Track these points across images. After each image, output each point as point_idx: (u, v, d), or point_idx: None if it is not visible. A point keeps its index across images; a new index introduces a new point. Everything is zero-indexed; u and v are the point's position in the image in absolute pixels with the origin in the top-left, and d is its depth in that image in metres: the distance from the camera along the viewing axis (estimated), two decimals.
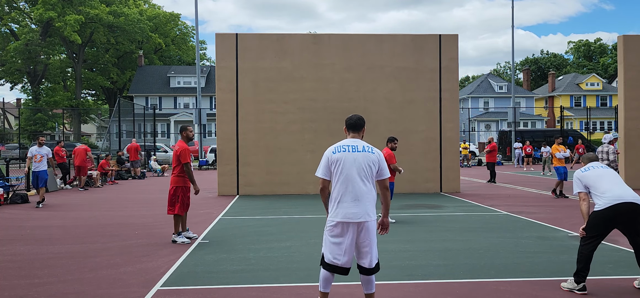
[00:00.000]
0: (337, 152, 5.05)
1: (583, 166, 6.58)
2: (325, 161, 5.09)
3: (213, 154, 35.12)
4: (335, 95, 17.91)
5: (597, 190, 6.15)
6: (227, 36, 18.01)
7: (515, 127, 40.04)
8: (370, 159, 5.05)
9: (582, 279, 6.08)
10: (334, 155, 5.05)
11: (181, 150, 9.06)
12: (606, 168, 6.39)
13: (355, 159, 5.00)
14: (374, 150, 5.12)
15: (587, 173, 6.33)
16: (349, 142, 5.13)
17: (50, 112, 56.27)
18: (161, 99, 58.88)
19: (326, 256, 5.03)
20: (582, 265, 6.08)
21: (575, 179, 6.40)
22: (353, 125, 5.22)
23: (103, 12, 53.38)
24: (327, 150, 5.15)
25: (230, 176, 17.67)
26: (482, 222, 11.34)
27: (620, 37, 18.84)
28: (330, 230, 5.02)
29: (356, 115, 5.28)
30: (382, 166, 5.10)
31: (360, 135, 5.25)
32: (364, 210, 4.93)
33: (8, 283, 6.69)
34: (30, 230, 10.75)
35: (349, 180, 4.95)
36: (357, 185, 4.94)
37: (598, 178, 6.22)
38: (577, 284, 6.09)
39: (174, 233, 9.30)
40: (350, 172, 4.97)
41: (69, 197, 17.37)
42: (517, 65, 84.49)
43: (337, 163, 5.02)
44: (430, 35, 18.38)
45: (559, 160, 15.82)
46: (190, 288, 6.39)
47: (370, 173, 5.03)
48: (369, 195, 4.99)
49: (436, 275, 6.89)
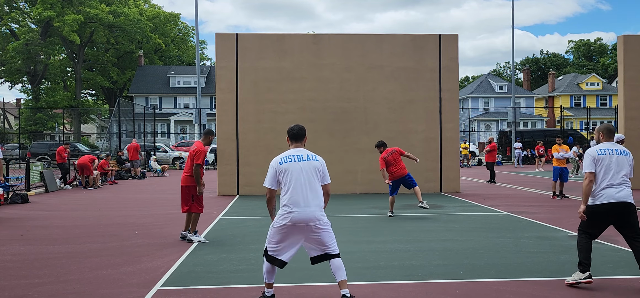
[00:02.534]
0: (284, 163, 5.47)
1: (602, 143, 6.41)
2: (272, 172, 5.49)
3: (213, 154, 35.13)
4: (335, 95, 17.91)
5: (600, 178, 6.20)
6: (227, 36, 18.01)
7: (515, 127, 40.04)
8: (315, 166, 5.51)
9: (586, 268, 6.15)
10: (281, 166, 5.47)
11: (197, 151, 9.16)
12: (619, 154, 6.29)
13: (301, 168, 5.44)
14: (317, 158, 5.58)
15: (602, 157, 6.25)
16: (294, 152, 5.55)
17: (50, 112, 56.25)
18: (161, 99, 58.86)
19: (270, 249, 5.50)
20: (583, 255, 6.21)
21: (587, 156, 6.30)
22: (295, 136, 5.64)
23: (103, 11, 53.34)
24: (273, 161, 5.53)
25: (230, 176, 17.66)
26: (482, 222, 11.34)
27: (620, 37, 18.84)
28: (278, 229, 5.44)
29: (298, 126, 5.70)
30: (324, 172, 5.56)
31: (303, 144, 5.67)
32: (313, 215, 5.38)
33: (8, 283, 6.69)
34: (30, 230, 10.75)
35: (297, 187, 5.37)
36: (305, 191, 5.38)
37: (606, 167, 6.20)
38: (582, 274, 6.16)
39: (189, 231, 9.32)
40: (298, 180, 5.39)
41: (69, 197, 17.37)
42: (516, 65, 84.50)
43: (285, 173, 5.43)
44: (430, 35, 18.37)
45: (558, 160, 15.78)
46: (190, 288, 6.39)
47: (317, 179, 5.49)
48: (316, 199, 5.43)
49: (436, 275, 6.89)
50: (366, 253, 8.22)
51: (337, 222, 11.34)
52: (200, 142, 9.40)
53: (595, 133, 6.61)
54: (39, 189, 19.01)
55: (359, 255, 8.09)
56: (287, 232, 5.43)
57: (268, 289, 5.69)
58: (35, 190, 18.68)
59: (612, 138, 6.48)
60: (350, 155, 17.87)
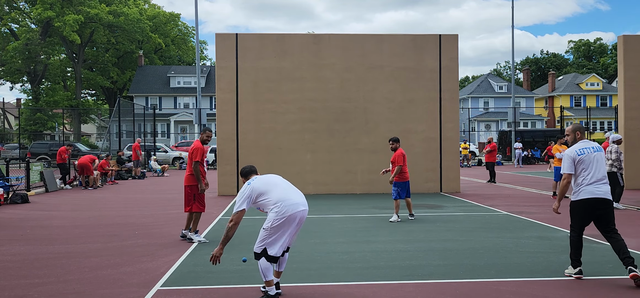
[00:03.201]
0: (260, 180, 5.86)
1: (579, 142, 6.75)
2: (250, 194, 5.73)
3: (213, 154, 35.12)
4: (335, 95, 17.91)
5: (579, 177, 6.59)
6: (227, 36, 18.01)
7: (515, 127, 40.05)
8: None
9: (576, 264, 6.63)
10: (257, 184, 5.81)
11: (194, 148, 9.18)
12: (596, 151, 6.63)
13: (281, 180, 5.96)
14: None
15: (583, 157, 6.59)
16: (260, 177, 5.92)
17: (50, 112, 56.25)
18: (161, 99, 58.85)
19: (270, 250, 5.66)
20: (572, 251, 6.66)
21: (567, 157, 6.64)
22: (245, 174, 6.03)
23: (103, 11, 53.33)
24: (247, 188, 5.75)
25: (230, 176, 17.66)
26: (482, 222, 11.34)
27: (621, 37, 18.84)
28: (278, 225, 5.63)
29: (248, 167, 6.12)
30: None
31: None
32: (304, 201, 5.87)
33: (8, 283, 6.69)
34: (30, 230, 10.75)
35: (284, 189, 5.79)
36: (292, 190, 5.81)
37: (587, 165, 6.55)
38: (573, 269, 6.66)
39: (191, 231, 9.32)
40: (281, 185, 5.83)
41: (69, 197, 17.37)
42: (516, 65, 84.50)
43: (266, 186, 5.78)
44: (431, 35, 18.38)
45: (559, 160, 15.77)
46: (190, 288, 6.39)
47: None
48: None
49: (436, 275, 6.89)
50: (366, 253, 8.22)
51: (337, 222, 11.34)
52: (198, 140, 9.41)
53: (569, 133, 6.86)
54: (39, 189, 19.01)
55: (359, 255, 8.09)
56: (285, 225, 5.64)
57: (269, 287, 5.73)
58: (35, 190, 18.67)
59: (585, 136, 6.86)
60: (350, 155, 17.87)
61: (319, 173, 17.65)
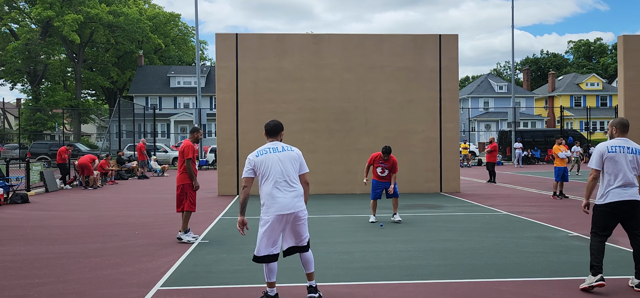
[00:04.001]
0: (261, 155, 5.58)
1: (615, 139, 6.17)
2: (249, 165, 5.58)
3: (213, 154, 35.12)
4: (335, 95, 17.91)
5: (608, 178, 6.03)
6: (227, 36, 18.01)
7: (515, 127, 40.04)
8: (291, 156, 5.61)
9: (597, 271, 6.00)
10: (258, 158, 5.56)
11: (185, 146, 9.18)
12: (632, 152, 6.06)
13: (278, 158, 5.55)
14: (293, 149, 5.68)
15: (613, 155, 6.03)
16: (270, 145, 5.68)
17: (50, 112, 56.24)
18: (161, 99, 58.85)
19: (262, 251, 5.50)
20: (594, 258, 6.04)
21: (596, 152, 6.10)
22: (271, 131, 5.73)
23: (103, 11, 53.33)
24: (250, 155, 5.64)
25: (230, 176, 17.66)
26: (482, 222, 11.34)
27: (620, 37, 18.84)
28: (265, 229, 5.48)
29: (273, 121, 5.80)
30: (302, 161, 5.67)
31: (279, 138, 5.75)
32: (294, 203, 5.47)
33: (8, 283, 6.69)
34: (30, 230, 10.75)
35: (275, 178, 5.46)
36: (283, 182, 5.47)
37: (617, 165, 6.01)
38: (593, 277, 6.01)
39: (180, 231, 9.31)
40: (275, 170, 5.48)
41: (69, 197, 17.37)
42: (516, 65, 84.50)
43: (262, 165, 5.53)
44: (431, 35, 18.37)
45: (562, 160, 15.75)
46: (190, 288, 6.39)
47: (294, 169, 5.58)
48: (295, 188, 5.53)
49: (436, 275, 6.89)
50: (366, 253, 8.22)
51: (337, 222, 11.34)
52: (188, 140, 9.40)
53: (608, 127, 6.37)
54: (39, 189, 19.01)
55: (359, 255, 8.09)
56: (273, 227, 5.47)
57: (270, 289, 5.70)
58: (35, 190, 18.68)
59: (626, 133, 6.19)
60: (350, 155, 17.86)
61: (319, 173, 17.63)
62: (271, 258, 5.55)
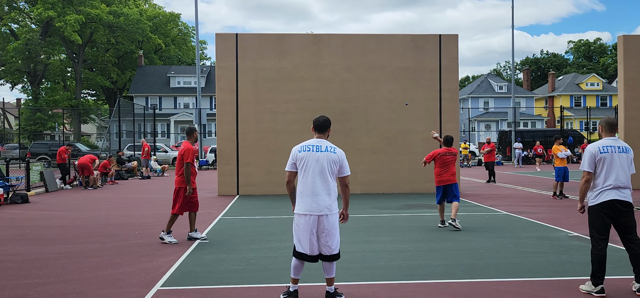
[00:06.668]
0: (303, 151, 5.62)
1: (604, 139, 6.05)
2: (292, 158, 5.67)
3: (213, 154, 35.11)
4: (335, 95, 17.90)
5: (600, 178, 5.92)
6: (227, 36, 18.01)
7: (515, 127, 40.04)
8: (332, 158, 5.61)
9: (598, 281, 5.88)
10: (300, 154, 5.63)
11: (185, 150, 9.13)
12: (622, 152, 5.96)
13: (317, 158, 5.55)
14: (336, 151, 5.66)
15: (605, 155, 5.92)
16: (314, 142, 5.69)
17: (50, 112, 56.23)
18: (161, 98, 58.84)
19: (296, 246, 5.60)
20: (595, 267, 5.89)
21: (587, 153, 5.98)
22: (319, 127, 5.76)
23: (103, 12, 53.31)
24: (294, 148, 5.72)
25: (230, 176, 17.66)
26: (482, 222, 11.34)
27: (620, 37, 18.83)
28: (295, 222, 5.61)
29: (323, 117, 5.81)
30: (343, 165, 5.66)
31: (326, 135, 5.77)
32: (322, 204, 5.47)
33: (8, 283, 6.69)
34: (30, 230, 10.75)
35: (310, 177, 5.50)
36: (317, 182, 5.49)
37: (609, 166, 5.89)
38: (594, 286, 5.90)
39: (165, 231, 9.29)
40: (312, 169, 5.51)
41: (69, 197, 17.37)
42: (516, 65, 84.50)
43: (302, 161, 5.59)
44: (430, 35, 18.37)
45: (562, 160, 15.74)
46: (190, 288, 6.39)
47: (331, 171, 5.57)
48: (326, 190, 5.51)
49: (436, 275, 6.89)
50: (366, 253, 8.22)
51: None
52: (187, 142, 9.32)
53: (598, 126, 6.27)
54: (39, 189, 19.01)
55: (359, 255, 8.09)
56: (298, 223, 5.56)
57: (293, 284, 5.75)
58: (35, 190, 18.67)
59: (614, 132, 6.10)
60: (350, 155, 17.67)
61: None
62: (298, 255, 5.60)
